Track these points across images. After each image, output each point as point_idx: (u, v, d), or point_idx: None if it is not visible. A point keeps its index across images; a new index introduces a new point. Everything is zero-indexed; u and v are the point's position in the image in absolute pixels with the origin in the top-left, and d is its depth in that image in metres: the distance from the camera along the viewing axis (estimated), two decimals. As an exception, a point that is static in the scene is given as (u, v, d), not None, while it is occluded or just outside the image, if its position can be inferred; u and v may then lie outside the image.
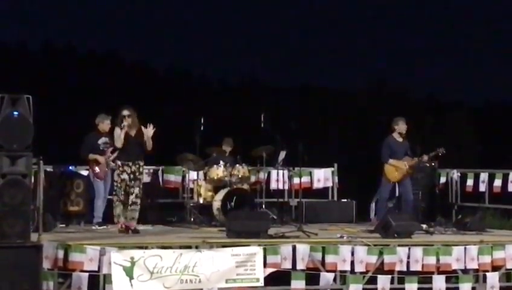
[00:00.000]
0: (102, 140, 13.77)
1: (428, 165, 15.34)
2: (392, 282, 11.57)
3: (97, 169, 13.61)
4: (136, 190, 12.50)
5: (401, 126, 14.25)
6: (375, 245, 11.71)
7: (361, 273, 11.52)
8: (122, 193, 12.48)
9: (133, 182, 12.48)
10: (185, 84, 44.87)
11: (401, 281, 11.64)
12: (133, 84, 41.71)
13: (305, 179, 15.77)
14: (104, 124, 13.84)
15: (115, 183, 12.63)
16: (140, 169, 12.63)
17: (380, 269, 11.60)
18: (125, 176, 12.45)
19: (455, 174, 16.32)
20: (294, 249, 11.29)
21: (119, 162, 12.58)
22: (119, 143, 12.54)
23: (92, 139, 13.78)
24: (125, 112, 12.57)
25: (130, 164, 12.49)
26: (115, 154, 13.61)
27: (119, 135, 12.49)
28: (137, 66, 46.52)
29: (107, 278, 10.56)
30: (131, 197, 12.48)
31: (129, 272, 10.54)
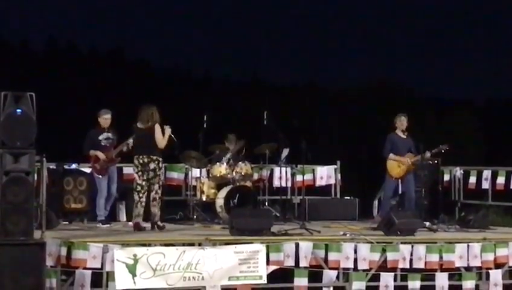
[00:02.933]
0: (103, 136, 13.74)
1: (431, 162, 15.33)
2: (395, 279, 11.58)
3: (97, 165, 13.60)
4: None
5: (402, 122, 14.25)
6: (378, 242, 11.71)
7: (364, 270, 11.51)
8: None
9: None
10: (188, 81, 44.91)
11: (404, 278, 11.64)
12: (135, 81, 41.76)
13: (308, 176, 15.74)
14: (102, 119, 13.80)
15: (158, 182, 12.73)
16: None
17: (383, 267, 11.59)
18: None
19: (458, 171, 16.30)
20: (297, 246, 11.29)
21: (161, 159, 12.76)
22: (164, 144, 12.68)
23: (93, 135, 13.75)
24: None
25: None
26: (118, 149, 13.62)
27: (163, 137, 12.63)
28: (140, 64, 46.57)
29: (110, 276, 10.57)
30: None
31: (132, 269, 10.55)
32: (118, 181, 14.06)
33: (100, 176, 13.60)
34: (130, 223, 13.83)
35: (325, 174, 16.23)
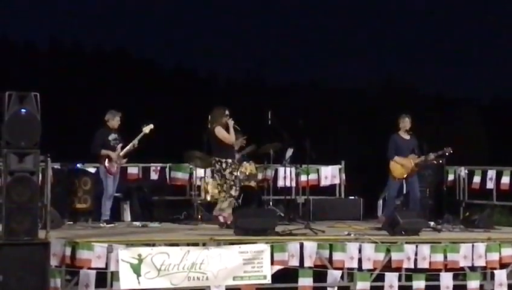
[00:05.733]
0: (112, 136, 13.78)
1: (435, 162, 15.32)
2: (399, 279, 11.57)
3: (109, 165, 13.61)
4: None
5: (404, 123, 14.27)
6: (382, 242, 11.71)
7: (368, 270, 11.51)
8: (236, 189, 13.18)
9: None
10: (192, 81, 44.86)
11: (409, 278, 11.63)
12: (140, 81, 41.73)
13: (313, 176, 15.75)
14: (115, 121, 13.84)
15: (228, 181, 13.03)
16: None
17: (388, 267, 11.59)
18: (236, 173, 13.28)
19: (463, 171, 16.28)
20: (301, 246, 11.29)
21: (229, 161, 13.10)
22: (232, 139, 13.17)
23: (103, 135, 13.77)
24: (227, 112, 13.35)
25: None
26: (125, 150, 13.67)
27: (228, 133, 13.11)
28: (145, 64, 46.53)
29: (115, 275, 10.58)
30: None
31: (136, 269, 10.56)
32: (120, 181, 14.10)
33: (111, 176, 13.62)
34: (135, 222, 13.87)
35: (330, 174, 16.22)
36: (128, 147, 13.70)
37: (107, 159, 13.58)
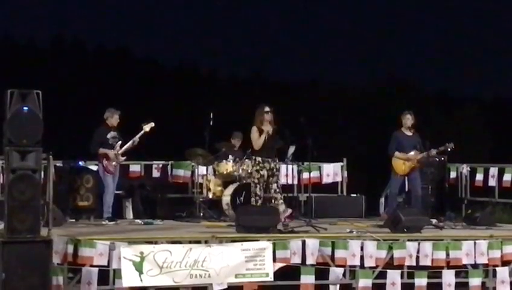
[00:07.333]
0: (111, 134, 13.79)
1: (438, 159, 15.32)
2: (401, 277, 11.56)
3: (107, 163, 13.63)
4: (275, 185, 13.04)
5: (406, 120, 14.28)
6: (384, 240, 11.70)
7: (370, 268, 11.50)
8: (261, 188, 12.98)
9: (271, 178, 13.01)
10: (194, 79, 44.90)
11: (411, 275, 11.62)
12: (142, 79, 41.79)
13: (315, 173, 15.75)
14: (113, 119, 13.86)
15: (253, 180, 12.98)
16: (277, 166, 13.24)
17: (390, 264, 11.58)
18: (264, 172, 12.99)
19: (465, 168, 16.30)
20: (303, 244, 11.28)
21: (258, 159, 12.98)
22: (258, 144, 13.01)
23: (102, 133, 13.78)
24: (267, 108, 13.18)
25: (270, 160, 13.03)
26: (124, 149, 13.68)
27: (258, 137, 12.99)
28: (147, 62, 46.58)
29: (117, 273, 10.57)
30: (272, 192, 13.03)
31: (139, 266, 10.55)
32: (122, 179, 14.10)
33: (110, 175, 13.63)
34: (137, 220, 13.88)
35: (332, 172, 16.23)
36: (127, 145, 13.71)
37: (105, 158, 13.60)
